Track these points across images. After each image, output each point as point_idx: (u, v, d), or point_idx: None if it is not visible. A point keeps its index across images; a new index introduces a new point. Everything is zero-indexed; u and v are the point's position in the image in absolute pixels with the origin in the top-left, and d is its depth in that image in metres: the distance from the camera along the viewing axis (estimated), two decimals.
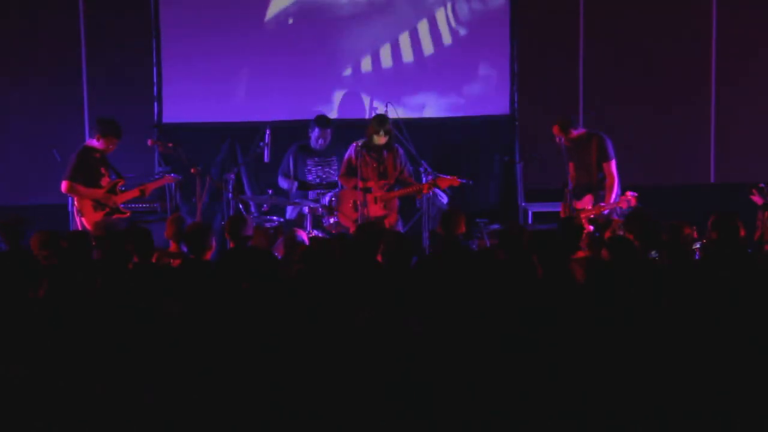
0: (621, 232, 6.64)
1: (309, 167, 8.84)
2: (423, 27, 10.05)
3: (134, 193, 8.22)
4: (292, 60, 9.98)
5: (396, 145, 8.52)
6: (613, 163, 8.21)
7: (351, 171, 8.38)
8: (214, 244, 6.03)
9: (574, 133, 8.31)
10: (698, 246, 6.14)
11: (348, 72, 10.04)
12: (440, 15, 10.05)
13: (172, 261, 6.42)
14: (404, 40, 10.06)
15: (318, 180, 8.84)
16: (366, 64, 10.04)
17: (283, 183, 8.88)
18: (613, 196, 8.07)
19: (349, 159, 8.44)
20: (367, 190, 8.31)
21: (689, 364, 4.09)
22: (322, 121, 8.87)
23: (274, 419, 3.91)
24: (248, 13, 10.00)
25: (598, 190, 8.23)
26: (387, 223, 8.22)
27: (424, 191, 8.25)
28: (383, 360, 4.02)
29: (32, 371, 4.00)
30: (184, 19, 9.94)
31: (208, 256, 5.95)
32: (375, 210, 8.31)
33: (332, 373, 4.00)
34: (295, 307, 4.60)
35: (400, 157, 8.51)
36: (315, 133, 8.76)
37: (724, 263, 5.51)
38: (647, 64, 10.06)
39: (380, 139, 8.41)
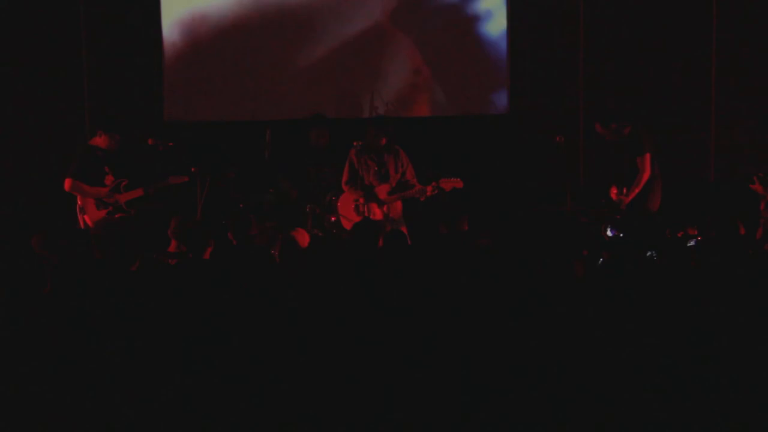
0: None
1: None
2: (423, 26, 10.06)
3: (138, 192, 8.21)
4: (294, 59, 10.01)
5: (397, 146, 8.45)
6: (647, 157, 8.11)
7: (354, 177, 8.29)
8: (212, 242, 6.04)
9: (614, 125, 8.16)
10: (693, 244, 6.15)
11: (349, 71, 10.05)
12: (440, 15, 10.06)
13: (170, 260, 6.43)
14: (405, 39, 10.07)
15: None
16: (366, 64, 10.05)
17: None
18: (637, 190, 8.01)
19: (351, 164, 8.35)
20: (370, 191, 8.23)
21: (688, 363, 4.10)
22: (319, 119, 8.89)
23: (273, 418, 3.92)
24: (251, 12, 10.02)
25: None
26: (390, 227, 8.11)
27: (428, 193, 8.20)
28: (382, 359, 4.04)
29: (34, 370, 4.01)
30: (186, 18, 9.96)
31: (207, 254, 5.96)
32: (378, 213, 8.23)
33: (332, 372, 4.01)
34: (296, 307, 4.61)
35: (402, 158, 8.43)
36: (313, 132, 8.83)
37: (723, 263, 5.51)
38: (647, 63, 10.06)
39: (380, 142, 8.32)
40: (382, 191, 8.29)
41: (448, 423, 3.88)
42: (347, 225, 8.15)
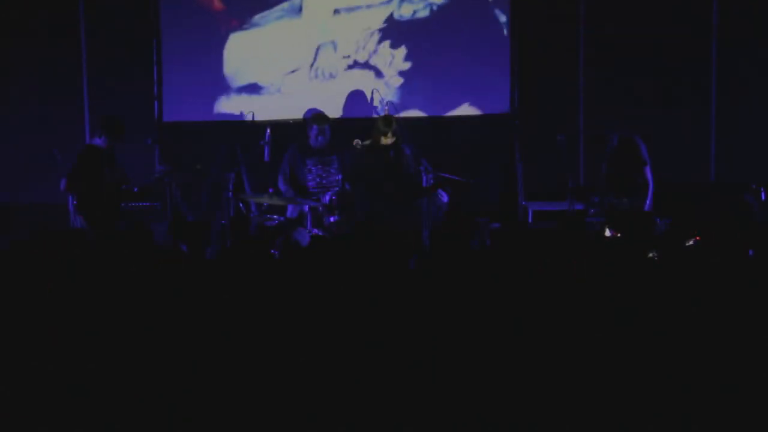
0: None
1: (309, 167, 8.82)
2: (423, 26, 10.06)
3: (135, 194, 8.22)
4: (294, 59, 10.01)
5: (403, 145, 8.42)
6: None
7: (359, 175, 8.27)
8: (213, 241, 6.05)
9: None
10: (692, 244, 6.15)
11: (348, 70, 10.05)
12: (440, 14, 10.06)
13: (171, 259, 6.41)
14: (405, 38, 10.07)
15: (318, 179, 8.81)
16: (366, 63, 10.05)
17: (282, 185, 8.84)
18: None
19: (355, 161, 8.33)
20: (376, 188, 8.21)
21: (688, 364, 4.10)
22: (318, 118, 8.86)
23: (273, 419, 3.92)
24: (249, 11, 10.03)
25: None
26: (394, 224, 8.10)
27: (432, 191, 8.19)
28: (382, 360, 4.03)
29: (34, 371, 4.01)
30: (184, 17, 9.96)
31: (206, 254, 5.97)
32: (384, 209, 8.20)
33: (331, 373, 4.01)
34: (295, 305, 4.61)
35: (407, 157, 8.41)
36: (313, 130, 8.75)
37: (722, 263, 5.50)
38: (647, 63, 10.06)
39: (387, 140, 8.30)
40: (387, 188, 8.27)
41: (449, 423, 3.88)
42: (352, 223, 8.17)
